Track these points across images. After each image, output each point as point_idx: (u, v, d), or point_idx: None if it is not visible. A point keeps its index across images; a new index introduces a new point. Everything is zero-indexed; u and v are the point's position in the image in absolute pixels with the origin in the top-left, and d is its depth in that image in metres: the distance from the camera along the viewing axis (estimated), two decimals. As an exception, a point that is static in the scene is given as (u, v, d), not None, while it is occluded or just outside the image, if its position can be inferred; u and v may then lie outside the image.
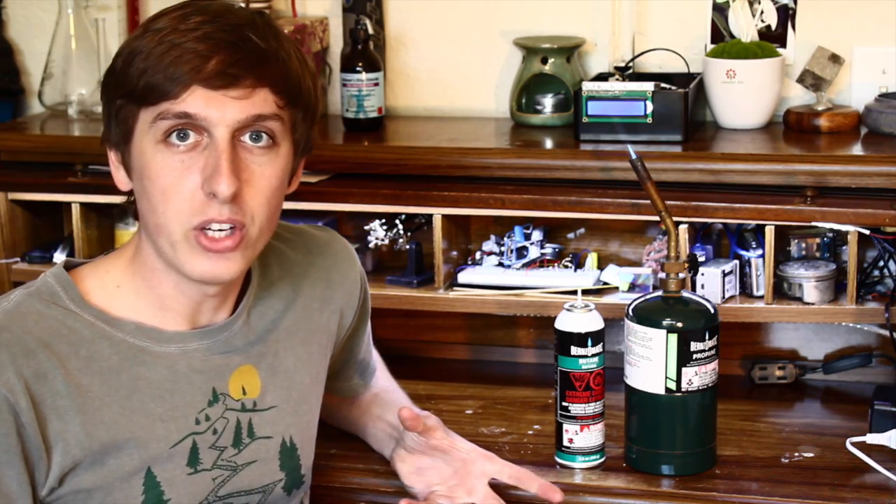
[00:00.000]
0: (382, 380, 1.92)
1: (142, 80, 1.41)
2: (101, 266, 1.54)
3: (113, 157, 1.50)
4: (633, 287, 2.15)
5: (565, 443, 1.88)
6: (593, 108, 2.18)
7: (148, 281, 1.51)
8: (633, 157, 1.88)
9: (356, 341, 1.82)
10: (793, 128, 2.23)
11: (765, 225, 2.05)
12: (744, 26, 2.29)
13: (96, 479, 1.46)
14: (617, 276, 2.17)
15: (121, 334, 1.49)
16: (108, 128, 1.48)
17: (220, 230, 1.43)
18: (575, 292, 1.96)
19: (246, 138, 1.44)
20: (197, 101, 1.40)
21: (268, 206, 1.46)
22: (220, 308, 1.56)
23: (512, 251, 2.23)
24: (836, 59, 2.24)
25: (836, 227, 2.02)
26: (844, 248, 2.10)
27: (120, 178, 1.50)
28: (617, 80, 2.24)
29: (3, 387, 1.40)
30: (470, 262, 2.26)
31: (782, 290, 2.09)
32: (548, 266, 2.23)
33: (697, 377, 1.82)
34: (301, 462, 1.65)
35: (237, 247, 1.44)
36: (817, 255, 2.14)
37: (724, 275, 2.09)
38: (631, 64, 2.33)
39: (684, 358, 1.81)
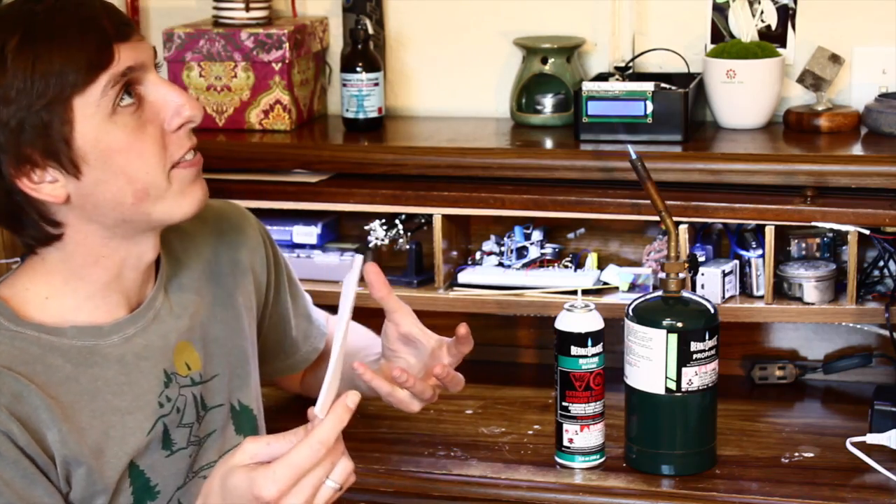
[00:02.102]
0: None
1: (67, 72, 1.38)
2: (18, 283, 1.52)
3: (36, 177, 1.42)
4: (633, 287, 2.15)
5: (565, 443, 1.88)
6: (593, 108, 2.18)
7: (87, 277, 1.50)
8: (633, 157, 1.88)
9: (282, 302, 1.82)
10: (793, 128, 2.23)
11: (765, 225, 2.05)
12: (744, 26, 2.29)
13: (96, 484, 1.46)
14: (617, 276, 2.17)
15: (67, 340, 1.48)
16: (19, 155, 1.40)
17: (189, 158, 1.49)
18: (575, 292, 1.96)
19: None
20: (128, 54, 1.42)
21: None
22: (149, 279, 1.57)
23: (512, 251, 2.23)
24: (836, 59, 2.24)
25: (836, 227, 2.02)
26: (844, 248, 2.10)
27: (54, 192, 1.43)
28: (617, 80, 2.24)
29: None
30: (470, 262, 2.26)
31: (782, 290, 2.09)
32: (548, 266, 2.23)
33: (697, 377, 1.82)
34: (258, 423, 1.68)
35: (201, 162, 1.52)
36: (817, 255, 2.14)
37: (724, 275, 2.09)
38: (631, 64, 2.33)
39: (684, 358, 1.81)
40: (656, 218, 1.91)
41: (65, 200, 1.45)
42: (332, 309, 1.96)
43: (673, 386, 1.82)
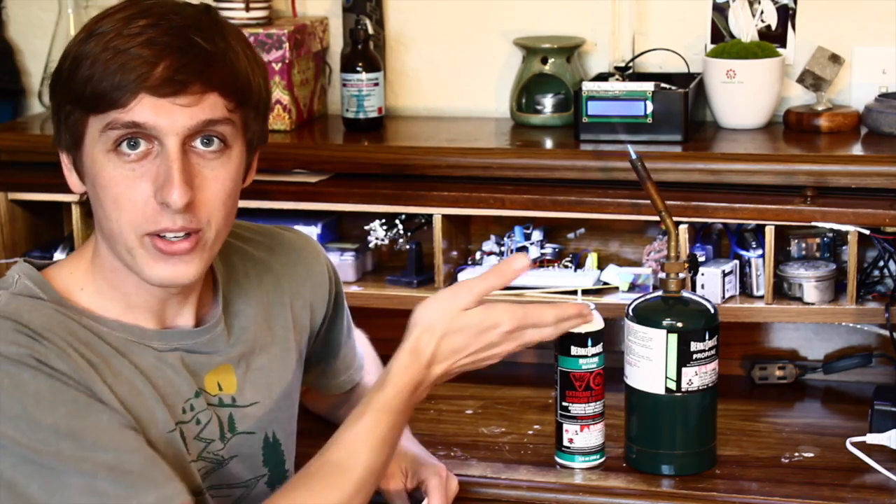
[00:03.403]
0: (372, 374, 1.93)
1: (88, 87, 1.39)
2: (65, 268, 1.53)
3: (65, 159, 1.49)
4: (633, 287, 2.15)
5: (565, 443, 1.88)
6: (593, 108, 2.18)
7: (110, 281, 1.50)
8: (633, 157, 1.88)
9: (335, 335, 1.82)
10: (793, 128, 2.23)
11: (765, 225, 2.05)
12: (744, 26, 2.29)
13: None
14: (617, 276, 2.17)
15: (106, 329, 1.48)
16: (58, 131, 1.47)
17: (175, 236, 1.43)
18: (575, 292, 1.96)
19: (197, 143, 1.42)
20: (145, 109, 1.39)
21: (223, 209, 1.45)
22: (183, 306, 1.55)
23: (512, 251, 2.23)
24: (836, 59, 2.25)
25: (836, 227, 2.02)
26: (844, 248, 2.10)
27: (73, 182, 1.49)
28: (617, 80, 2.24)
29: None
30: (470, 262, 2.26)
31: (782, 290, 2.09)
32: (548, 266, 2.23)
33: (697, 377, 1.82)
34: (285, 458, 1.66)
35: (194, 249, 1.44)
36: (817, 255, 2.14)
37: (724, 275, 2.09)
38: (631, 64, 2.33)
39: (684, 358, 1.81)
40: (656, 218, 1.91)
41: (81, 193, 1.48)
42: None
43: (673, 386, 1.82)
